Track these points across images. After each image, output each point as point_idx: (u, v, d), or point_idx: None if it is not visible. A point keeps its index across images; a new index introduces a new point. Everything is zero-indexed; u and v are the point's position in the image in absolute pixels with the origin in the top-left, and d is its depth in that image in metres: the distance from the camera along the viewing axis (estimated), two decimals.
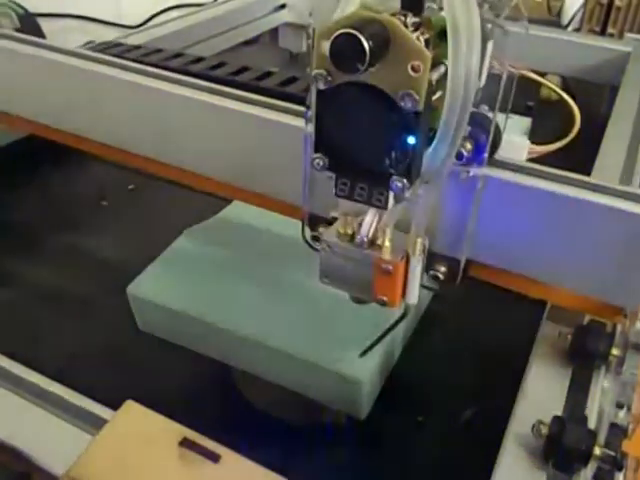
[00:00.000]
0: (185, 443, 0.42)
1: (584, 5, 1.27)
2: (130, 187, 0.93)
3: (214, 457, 0.41)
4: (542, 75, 1.11)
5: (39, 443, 0.46)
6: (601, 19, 1.26)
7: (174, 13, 1.19)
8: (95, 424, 0.45)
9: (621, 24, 1.24)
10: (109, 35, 1.01)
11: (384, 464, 0.56)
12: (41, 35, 0.92)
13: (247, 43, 1.18)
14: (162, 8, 1.20)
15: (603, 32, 1.26)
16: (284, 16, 1.22)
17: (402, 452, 0.56)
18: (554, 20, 1.35)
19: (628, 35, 1.10)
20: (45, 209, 0.90)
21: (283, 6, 1.21)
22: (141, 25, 1.15)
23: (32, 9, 0.94)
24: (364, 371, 0.53)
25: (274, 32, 1.26)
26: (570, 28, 1.31)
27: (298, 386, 0.57)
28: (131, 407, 0.45)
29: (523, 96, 1.13)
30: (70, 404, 0.48)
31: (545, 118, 0.79)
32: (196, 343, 0.62)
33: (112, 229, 0.85)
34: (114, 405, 0.45)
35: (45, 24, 0.96)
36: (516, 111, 0.83)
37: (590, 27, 1.27)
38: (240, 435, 0.51)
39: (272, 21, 1.21)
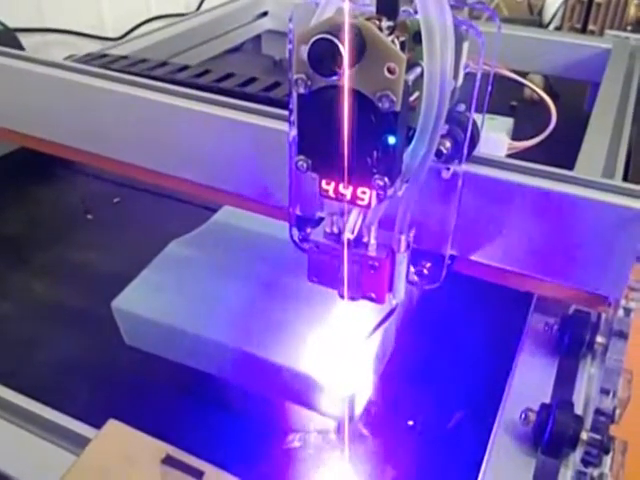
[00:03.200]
0: (168, 461, 0.42)
1: (565, 3, 1.28)
2: (115, 200, 0.93)
3: (197, 474, 0.41)
4: (524, 74, 1.13)
5: (21, 463, 0.46)
6: (582, 16, 1.27)
7: (156, 24, 1.20)
8: (78, 443, 0.45)
9: (602, 21, 1.25)
10: (91, 48, 1.00)
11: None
12: (22, 50, 0.92)
13: (231, 51, 1.18)
14: (144, 19, 1.21)
15: (584, 29, 1.27)
16: (266, 23, 1.22)
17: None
18: (535, 19, 1.36)
19: (608, 32, 1.11)
20: (30, 224, 0.89)
21: (265, 14, 1.22)
22: (123, 36, 1.16)
23: (11, 24, 0.94)
24: (354, 383, 0.54)
25: (257, 39, 1.27)
26: (551, 26, 1.33)
27: (289, 396, 0.57)
28: (114, 426, 0.45)
29: (507, 96, 1.14)
30: (52, 423, 0.48)
31: (528, 118, 0.80)
32: (185, 356, 0.61)
33: (98, 243, 0.85)
34: (98, 423, 0.46)
35: (25, 39, 0.96)
36: (500, 111, 0.85)
37: (571, 25, 1.28)
38: (225, 451, 0.52)
39: (255, 29, 1.22)
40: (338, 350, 0.54)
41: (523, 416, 0.45)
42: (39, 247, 0.83)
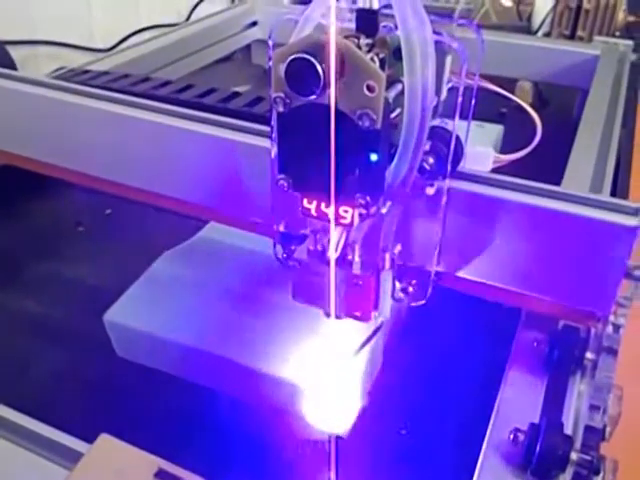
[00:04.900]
0: (160, 475, 0.42)
1: (553, 9, 1.28)
2: (107, 212, 0.92)
3: None
4: (514, 81, 1.13)
5: (11, 478, 0.45)
6: (570, 23, 1.27)
7: (147, 34, 1.19)
8: (70, 458, 0.45)
9: (590, 27, 1.25)
10: (81, 59, 1.00)
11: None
12: (11, 63, 0.91)
13: (221, 60, 1.18)
14: (134, 30, 1.20)
15: (573, 36, 1.27)
16: (256, 33, 1.22)
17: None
18: (524, 25, 1.36)
19: (597, 38, 1.11)
20: (21, 237, 0.88)
21: (255, 23, 1.22)
22: (113, 48, 1.15)
23: (1, 37, 0.94)
24: (343, 395, 0.54)
25: (247, 49, 1.27)
26: (540, 33, 1.33)
27: (281, 407, 0.56)
28: (106, 441, 0.45)
29: (496, 103, 1.14)
30: (44, 438, 0.47)
31: (518, 124, 0.80)
32: (176, 368, 0.61)
33: (89, 255, 0.84)
34: (90, 438, 0.45)
35: (14, 52, 0.96)
36: (489, 118, 0.84)
37: (560, 31, 1.28)
38: (219, 463, 0.52)
39: (244, 38, 1.21)
40: (327, 362, 0.54)
41: (512, 436, 0.44)
42: (29, 260, 0.83)
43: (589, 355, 0.50)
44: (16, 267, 0.82)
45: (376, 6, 0.36)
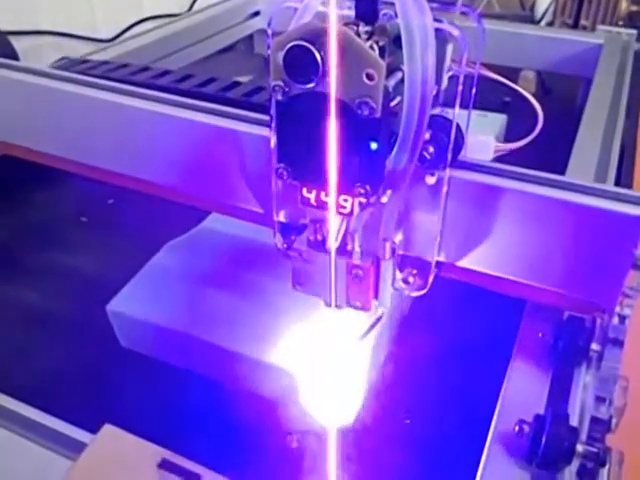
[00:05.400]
0: (164, 465, 0.42)
1: None
2: (109, 202, 0.92)
3: (194, 477, 0.41)
4: (517, 70, 1.12)
5: (16, 469, 0.45)
6: (573, 12, 1.26)
7: (149, 24, 1.19)
8: (74, 449, 0.45)
9: (593, 16, 1.24)
10: (84, 49, 1.00)
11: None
12: (14, 53, 0.91)
13: (224, 50, 1.18)
14: (137, 19, 1.20)
15: (576, 25, 1.27)
16: (258, 23, 1.22)
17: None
18: (527, 14, 1.36)
19: (600, 27, 1.11)
20: (23, 227, 0.89)
21: (257, 13, 1.22)
22: (116, 38, 1.15)
23: (3, 27, 0.94)
24: (347, 385, 0.53)
25: (249, 39, 1.27)
26: (543, 22, 1.32)
27: (285, 397, 0.56)
28: (110, 431, 0.45)
29: (499, 92, 1.14)
30: (48, 429, 0.48)
31: (522, 113, 0.79)
32: (180, 358, 0.61)
33: (92, 245, 0.85)
34: (94, 428, 0.46)
35: (17, 42, 0.95)
36: (493, 107, 0.84)
37: (563, 20, 1.27)
38: (223, 454, 0.52)
39: (247, 28, 1.21)
40: (333, 351, 0.54)
41: (517, 428, 0.44)
42: (32, 250, 0.83)
43: (594, 346, 0.50)
44: (19, 258, 0.82)
45: None
